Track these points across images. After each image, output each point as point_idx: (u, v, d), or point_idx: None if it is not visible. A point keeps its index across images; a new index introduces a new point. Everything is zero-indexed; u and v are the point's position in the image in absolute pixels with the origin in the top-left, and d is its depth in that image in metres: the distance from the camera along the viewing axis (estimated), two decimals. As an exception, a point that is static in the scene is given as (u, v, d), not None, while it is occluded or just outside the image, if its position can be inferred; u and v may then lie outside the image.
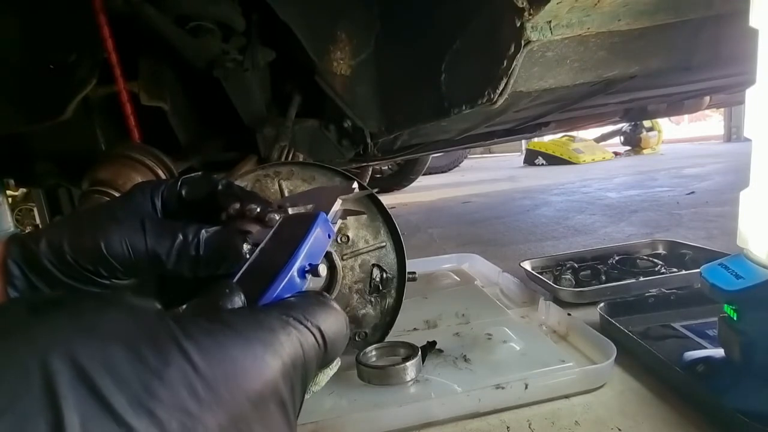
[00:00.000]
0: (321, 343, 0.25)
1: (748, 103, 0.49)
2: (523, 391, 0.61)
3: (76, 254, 0.32)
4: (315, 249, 0.30)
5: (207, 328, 0.22)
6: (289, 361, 0.23)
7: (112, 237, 0.32)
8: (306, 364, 0.24)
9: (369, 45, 0.90)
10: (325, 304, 0.27)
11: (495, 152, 7.85)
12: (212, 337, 0.21)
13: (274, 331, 0.23)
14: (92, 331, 0.19)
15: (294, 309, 0.25)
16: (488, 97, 0.62)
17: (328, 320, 0.26)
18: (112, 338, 0.19)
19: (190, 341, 0.20)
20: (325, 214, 0.31)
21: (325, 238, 0.31)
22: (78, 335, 0.19)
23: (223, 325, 0.22)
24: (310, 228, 0.30)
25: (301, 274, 0.28)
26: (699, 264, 0.94)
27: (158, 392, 0.19)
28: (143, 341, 0.20)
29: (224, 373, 0.20)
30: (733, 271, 0.52)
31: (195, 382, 0.20)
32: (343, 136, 0.99)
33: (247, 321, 0.23)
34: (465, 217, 2.33)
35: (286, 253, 0.29)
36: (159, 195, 0.37)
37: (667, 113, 1.73)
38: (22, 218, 2.91)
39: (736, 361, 0.54)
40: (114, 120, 0.94)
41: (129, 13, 0.80)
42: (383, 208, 0.73)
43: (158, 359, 0.19)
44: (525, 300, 0.94)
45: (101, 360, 0.18)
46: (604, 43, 0.66)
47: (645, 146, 5.26)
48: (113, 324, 0.20)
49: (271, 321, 0.24)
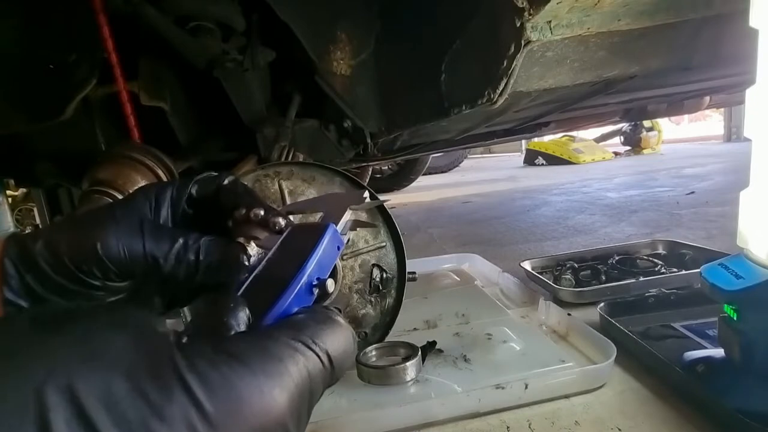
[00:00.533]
0: (328, 366, 0.25)
1: (748, 103, 0.49)
2: (523, 391, 0.61)
3: (71, 254, 0.31)
4: (324, 262, 0.29)
5: (212, 359, 0.21)
6: (296, 392, 0.22)
7: (109, 237, 0.31)
8: (312, 389, 0.24)
9: (369, 45, 0.90)
10: (333, 321, 0.26)
11: (495, 152, 7.85)
12: (217, 369, 0.21)
13: (282, 361, 0.22)
14: (95, 360, 0.19)
15: (302, 331, 0.25)
16: (488, 97, 0.62)
17: (336, 341, 0.25)
18: (115, 370, 0.19)
19: (194, 375, 0.20)
20: (335, 226, 0.30)
21: (334, 251, 0.30)
22: (79, 364, 0.19)
23: (229, 356, 0.21)
24: (319, 240, 0.29)
25: (308, 288, 0.27)
26: (699, 264, 0.94)
27: (157, 430, 0.18)
28: (146, 373, 0.19)
29: (228, 410, 0.20)
30: (733, 271, 0.52)
31: (196, 420, 0.19)
32: (343, 136, 0.99)
33: (253, 350, 0.22)
34: (465, 217, 2.33)
35: (294, 265, 0.28)
36: (165, 197, 0.37)
37: (667, 113, 1.73)
38: (22, 218, 2.91)
39: (736, 361, 0.54)
40: (114, 120, 0.94)
41: (129, 13, 0.80)
42: (383, 208, 0.73)
43: (160, 395, 0.19)
44: (525, 300, 0.94)
45: (100, 394, 0.18)
46: (604, 43, 0.66)
47: (645, 146, 5.26)
48: (117, 353, 0.20)
49: (278, 348, 0.23)
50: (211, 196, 0.37)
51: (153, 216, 0.36)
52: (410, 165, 3.77)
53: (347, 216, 0.33)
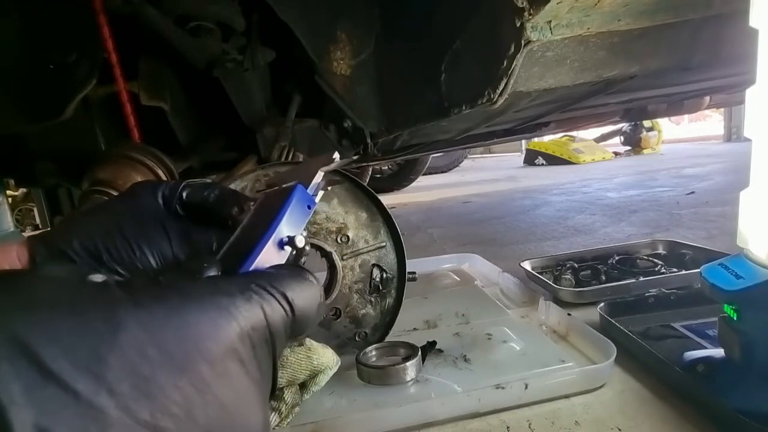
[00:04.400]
0: (288, 309, 0.25)
1: (748, 103, 0.49)
2: (523, 391, 0.61)
3: (111, 264, 0.32)
4: (294, 220, 0.30)
5: (158, 294, 0.22)
6: (246, 324, 0.23)
7: (143, 246, 0.33)
8: (270, 327, 0.24)
9: (369, 45, 0.90)
10: (297, 273, 0.27)
11: (495, 152, 7.85)
12: (163, 302, 0.21)
13: (232, 296, 0.23)
14: (34, 305, 0.19)
15: (260, 277, 0.26)
16: (488, 97, 0.62)
17: (297, 288, 0.26)
18: (56, 309, 0.19)
19: (139, 307, 0.21)
20: (302, 186, 0.31)
21: (304, 210, 0.31)
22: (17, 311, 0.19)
23: (176, 290, 0.22)
24: (286, 200, 0.30)
25: (279, 245, 0.28)
26: (699, 264, 0.94)
27: (107, 357, 0.19)
28: (89, 309, 0.20)
29: (176, 335, 0.21)
30: (733, 271, 0.52)
31: (145, 345, 0.20)
32: (343, 136, 0.99)
33: (203, 288, 0.24)
34: (465, 217, 2.33)
35: (264, 225, 0.29)
36: (160, 195, 0.38)
37: (667, 113, 1.73)
38: (22, 218, 2.91)
39: (736, 361, 0.54)
40: (114, 120, 0.94)
41: (129, 13, 0.80)
42: (383, 208, 0.73)
43: (107, 326, 0.19)
44: (525, 300, 0.94)
45: (44, 331, 0.18)
46: (604, 43, 0.66)
47: (645, 146, 5.26)
48: (58, 296, 0.20)
49: (229, 287, 0.24)
50: (200, 203, 0.39)
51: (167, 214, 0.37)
52: (410, 165, 3.77)
53: (318, 177, 0.34)
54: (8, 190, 1.76)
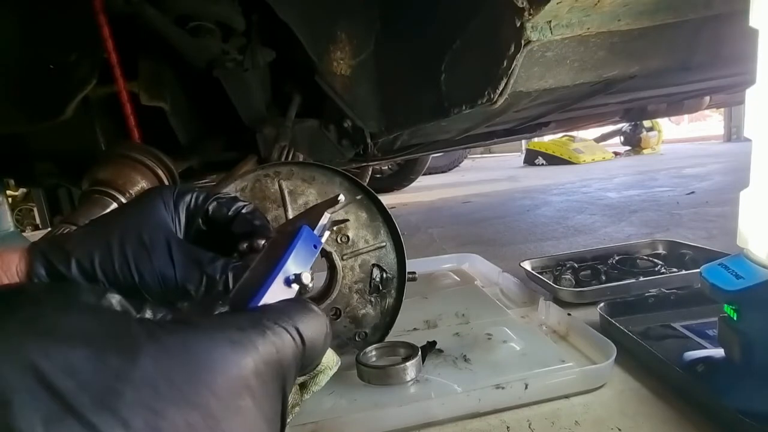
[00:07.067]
0: (298, 342, 0.26)
1: (748, 103, 0.49)
2: (523, 391, 0.61)
3: (109, 284, 0.33)
4: (301, 259, 0.31)
5: (171, 329, 0.22)
6: (259, 359, 0.23)
7: (145, 270, 0.33)
8: (282, 361, 0.24)
9: (369, 45, 0.90)
10: (303, 306, 0.28)
11: (495, 152, 7.84)
12: (176, 336, 0.22)
13: (244, 330, 0.23)
14: (51, 334, 0.19)
15: (270, 311, 0.26)
16: (488, 97, 0.62)
17: (306, 320, 0.26)
18: (73, 341, 0.20)
19: (153, 341, 0.21)
20: (308, 227, 0.33)
21: (311, 249, 0.32)
22: (35, 340, 0.19)
23: (189, 325, 0.23)
24: (293, 240, 0.31)
25: (287, 282, 0.30)
26: (699, 264, 0.94)
27: (121, 391, 0.19)
28: (106, 342, 0.20)
29: (188, 370, 0.21)
30: (733, 271, 0.52)
31: (158, 380, 0.20)
32: (343, 136, 0.99)
33: (215, 322, 0.24)
34: (465, 217, 2.33)
35: (272, 265, 0.30)
36: (181, 208, 0.38)
37: (667, 113, 1.73)
38: (22, 218, 2.91)
39: (736, 361, 0.54)
40: (114, 120, 0.94)
41: (129, 13, 0.80)
42: (383, 208, 0.73)
43: (121, 359, 0.20)
44: (525, 300, 0.94)
45: (62, 364, 0.19)
46: (604, 43, 0.66)
47: (645, 146, 5.26)
48: (75, 325, 0.20)
49: (241, 321, 0.24)
50: (225, 218, 0.39)
51: (174, 227, 0.37)
52: (410, 165, 3.77)
53: (324, 219, 0.36)
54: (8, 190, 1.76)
